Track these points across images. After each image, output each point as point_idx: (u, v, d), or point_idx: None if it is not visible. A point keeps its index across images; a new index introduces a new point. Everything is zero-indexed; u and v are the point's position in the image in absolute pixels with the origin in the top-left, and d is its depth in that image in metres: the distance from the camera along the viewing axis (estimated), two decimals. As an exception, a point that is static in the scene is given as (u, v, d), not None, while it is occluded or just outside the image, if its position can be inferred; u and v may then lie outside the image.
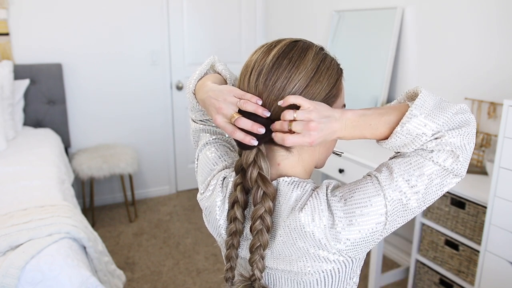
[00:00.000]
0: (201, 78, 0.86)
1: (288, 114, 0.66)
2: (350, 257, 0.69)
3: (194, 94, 0.86)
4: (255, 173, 0.71)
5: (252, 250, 0.70)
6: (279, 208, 0.71)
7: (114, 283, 1.92)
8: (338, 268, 0.69)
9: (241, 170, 0.74)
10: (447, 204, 1.94)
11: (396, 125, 0.67)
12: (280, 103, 0.67)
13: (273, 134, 0.69)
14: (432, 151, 0.66)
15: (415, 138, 0.66)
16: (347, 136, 0.69)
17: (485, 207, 1.77)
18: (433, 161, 0.66)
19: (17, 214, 1.71)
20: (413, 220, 2.45)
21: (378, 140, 0.71)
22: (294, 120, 0.65)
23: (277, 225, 0.71)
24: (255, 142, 0.68)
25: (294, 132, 0.66)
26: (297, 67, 0.70)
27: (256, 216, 0.70)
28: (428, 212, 2.05)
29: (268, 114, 0.69)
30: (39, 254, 1.49)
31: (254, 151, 0.71)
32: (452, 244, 1.95)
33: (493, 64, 2.01)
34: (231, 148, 0.88)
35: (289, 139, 0.66)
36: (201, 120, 0.90)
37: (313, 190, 0.71)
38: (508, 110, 1.55)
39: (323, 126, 0.65)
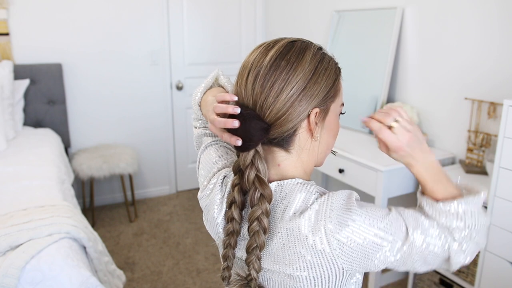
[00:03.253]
0: (206, 91, 0.92)
1: (395, 113, 0.72)
2: (343, 269, 0.67)
3: (200, 105, 0.91)
4: (252, 175, 0.71)
5: (248, 250, 0.70)
6: (279, 210, 0.71)
7: (114, 283, 1.92)
8: (328, 276, 0.68)
9: (239, 171, 0.74)
10: (447, 204, 1.94)
11: (449, 198, 0.73)
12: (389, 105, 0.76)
13: (368, 121, 0.74)
14: (454, 240, 0.71)
15: (451, 215, 0.71)
16: (420, 171, 0.74)
17: (485, 207, 1.77)
18: (448, 248, 0.71)
19: (17, 214, 1.70)
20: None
21: (423, 192, 0.76)
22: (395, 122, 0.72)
23: (275, 227, 0.71)
24: (239, 143, 0.70)
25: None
26: (294, 69, 0.69)
27: (253, 217, 0.69)
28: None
29: (238, 111, 0.69)
30: (39, 254, 1.49)
31: (252, 152, 0.71)
32: (452, 244, 1.95)
33: (493, 64, 2.01)
34: (232, 149, 0.89)
35: (385, 132, 0.72)
36: (203, 127, 0.95)
37: (320, 195, 0.70)
38: (508, 110, 1.55)
39: (415, 143, 0.73)
